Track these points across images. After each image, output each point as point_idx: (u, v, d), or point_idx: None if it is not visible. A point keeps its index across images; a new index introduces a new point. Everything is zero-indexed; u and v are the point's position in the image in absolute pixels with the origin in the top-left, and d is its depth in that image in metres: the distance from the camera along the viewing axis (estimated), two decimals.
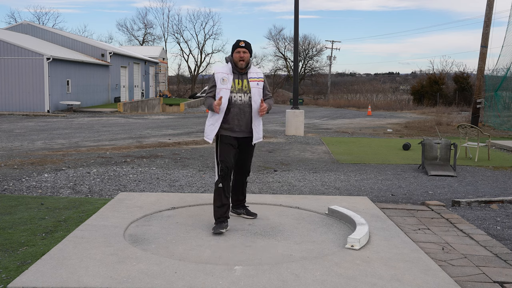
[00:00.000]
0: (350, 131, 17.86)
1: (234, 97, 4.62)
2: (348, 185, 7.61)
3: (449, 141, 9.12)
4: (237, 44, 4.65)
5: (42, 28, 34.86)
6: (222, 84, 4.62)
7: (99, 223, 4.74)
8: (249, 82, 4.68)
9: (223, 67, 4.74)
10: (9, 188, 6.91)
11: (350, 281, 3.48)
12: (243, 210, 5.15)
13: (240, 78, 4.68)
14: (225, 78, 4.63)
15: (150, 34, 77.14)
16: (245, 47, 4.63)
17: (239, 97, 4.63)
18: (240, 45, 4.62)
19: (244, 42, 4.66)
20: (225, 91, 4.60)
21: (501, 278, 3.79)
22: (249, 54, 4.67)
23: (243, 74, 4.70)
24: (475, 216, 5.79)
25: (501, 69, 19.88)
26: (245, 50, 4.63)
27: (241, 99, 4.64)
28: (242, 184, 5.02)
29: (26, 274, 3.45)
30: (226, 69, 4.69)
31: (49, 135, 14.85)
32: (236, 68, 4.67)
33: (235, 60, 4.65)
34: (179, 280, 3.42)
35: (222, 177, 4.58)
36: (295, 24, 15.82)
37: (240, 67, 4.64)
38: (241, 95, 4.64)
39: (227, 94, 4.59)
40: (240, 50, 4.61)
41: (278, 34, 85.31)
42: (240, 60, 4.61)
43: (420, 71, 62.99)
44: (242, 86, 4.65)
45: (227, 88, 4.61)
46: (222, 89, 4.61)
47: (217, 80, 4.65)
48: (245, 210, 5.15)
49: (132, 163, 9.28)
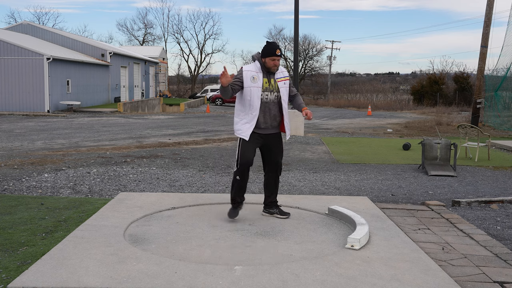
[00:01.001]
0: (350, 131, 17.86)
1: (263, 95, 4.79)
2: (348, 185, 7.61)
3: (449, 141, 9.12)
4: (273, 52, 4.75)
5: (42, 28, 34.86)
6: (253, 82, 4.75)
7: (99, 223, 4.74)
8: (276, 81, 4.86)
9: (251, 65, 4.86)
10: (9, 188, 6.91)
11: (350, 281, 3.48)
12: (276, 209, 5.20)
13: (267, 77, 4.84)
14: (255, 76, 4.78)
15: (150, 34, 77.20)
16: (280, 55, 4.81)
17: (265, 95, 4.80)
18: (277, 54, 4.75)
19: (280, 50, 4.80)
20: (257, 89, 4.75)
21: (501, 278, 3.79)
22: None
23: (270, 74, 4.86)
24: (475, 216, 5.79)
25: (501, 69, 19.88)
26: (279, 58, 4.81)
27: (267, 97, 4.81)
28: (274, 182, 5.11)
29: (26, 274, 3.45)
30: (255, 68, 4.82)
31: (49, 135, 14.85)
32: (264, 68, 4.82)
33: (268, 65, 4.79)
34: (179, 280, 3.42)
35: (240, 170, 4.81)
36: (295, 24, 15.82)
37: (273, 71, 4.83)
38: (267, 93, 4.81)
39: (259, 91, 4.74)
40: (276, 58, 4.77)
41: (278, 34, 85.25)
42: (274, 67, 4.80)
43: (420, 71, 63.03)
44: (269, 85, 4.82)
45: (259, 86, 4.75)
46: (254, 87, 4.75)
47: (246, 77, 4.77)
48: (278, 209, 5.20)
49: (132, 163, 9.28)
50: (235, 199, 4.98)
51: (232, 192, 4.97)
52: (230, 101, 43.12)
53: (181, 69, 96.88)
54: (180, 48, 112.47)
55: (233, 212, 4.99)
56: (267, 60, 4.78)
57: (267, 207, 5.22)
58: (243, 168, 4.81)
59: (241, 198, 4.99)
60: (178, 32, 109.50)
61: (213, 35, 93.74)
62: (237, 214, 5.01)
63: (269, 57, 4.77)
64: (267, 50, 4.78)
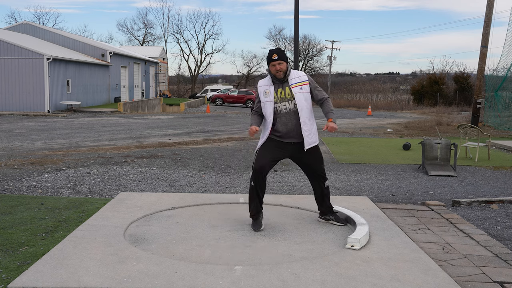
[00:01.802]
0: (350, 131, 17.85)
1: (279, 107, 4.63)
2: (348, 185, 7.61)
3: (449, 141, 9.12)
4: (270, 57, 4.60)
5: (42, 28, 34.87)
6: (265, 97, 4.66)
7: (99, 223, 4.74)
8: (291, 89, 4.62)
9: (264, 80, 4.76)
10: (9, 188, 6.91)
11: (350, 281, 3.48)
12: (332, 216, 4.99)
13: (281, 87, 4.65)
14: (267, 90, 4.66)
15: (150, 34, 77.26)
16: (279, 59, 4.57)
17: (283, 106, 4.63)
18: (273, 58, 4.56)
19: (276, 53, 4.58)
20: (269, 104, 4.64)
21: (501, 278, 3.79)
22: (285, 63, 4.60)
23: (284, 82, 4.65)
24: (475, 216, 5.79)
25: (501, 69, 19.88)
26: (280, 61, 4.57)
27: (285, 107, 4.62)
28: (321, 191, 4.85)
29: (26, 274, 3.45)
30: (267, 82, 4.71)
31: (49, 135, 14.85)
32: (275, 79, 4.66)
33: (272, 72, 4.63)
34: (179, 280, 3.42)
35: (254, 175, 4.63)
36: (295, 24, 15.81)
37: (279, 78, 4.63)
38: (285, 104, 4.61)
39: (271, 106, 4.63)
40: (275, 63, 4.57)
41: (278, 34, 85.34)
42: (277, 72, 4.59)
43: (420, 71, 63.07)
44: (285, 94, 4.62)
45: (271, 100, 4.63)
46: (266, 102, 4.66)
47: (260, 94, 4.71)
48: (334, 216, 4.99)
49: (132, 163, 9.28)
50: (253, 211, 4.73)
51: (251, 204, 4.72)
52: (230, 101, 43.14)
53: (181, 69, 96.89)
54: (180, 48, 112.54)
55: (255, 224, 4.71)
56: (270, 68, 4.64)
57: (322, 214, 5.02)
58: (256, 175, 4.59)
59: (259, 209, 4.74)
60: (178, 32, 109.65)
61: (213, 35, 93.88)
62: (261, 224, 4.71)
63: (270, 64, 4.63)
64: (267, 58, 4.65)
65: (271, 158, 4.66)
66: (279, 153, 4.70)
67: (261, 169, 4.60)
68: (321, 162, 4.84)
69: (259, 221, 4.73)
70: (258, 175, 4.60)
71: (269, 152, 4.66)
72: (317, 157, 4.81)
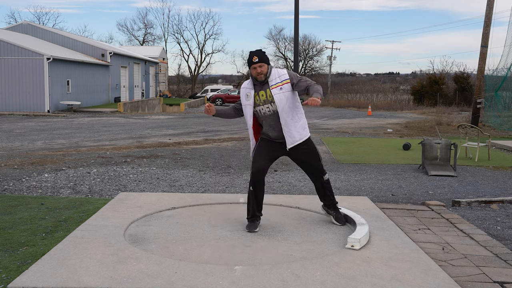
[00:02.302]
0: (350, 131, 17.85)
1: (262, 109, 4.57)
2: (348, 185, 7.61)
3: (449, 141, 9.12)
4: (250, 60, 4.49)
5: (42, 28, 34.87)
6: (246, 100, 4.62)
7: (99, 223, 4.74)
8: (271, 90, 4.52)
9: (247, 82, 4.69)
10: (9, 188, 6.91)
11: (350, 281, 3.48)
12: (333, 212, 4.95)
13: (263, 89, 4.56)
14: (249, 93, 4.61)
15: (150, 34, 77.22)
16: (259, 61, 4.48)
17: (267, 109, 4.56)
18: (254, 61, 4.47)
19: (257, 56, 4.48)
20: (249, 107, 4.61)
21: (501, 278, 3.79)
22: (266, 65, 4.52)
23: (264, 84, 4.56)
24: (475, 216, 5.79)
25: (501, 69, 19.88)
26: (261, 64, 4.48)
27: (268, 109, 4.54)
28: (320, 184, 4.82)
29: (26, 274, 3.45)
30: (249, 84, 4.65)
31: (49, 135, 14.85)
32: (256, 81, 4.59)
33: (253, 75, 4.55)
34: (179, 280, 3.42)
35: (252, 179, 4.59)
36: (295, 24, 15.82)
37: (260, 80, 4.55)
38: (268, 106, 4.53)
39: (251, 109, 4.61)
40: (256, 66, 4.48)
41: (278, 34, 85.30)
42: (258, 75, 4.50)
43: (420, 71, 63.03)
44: (267, 96, 4.53)
45: (250, 104, 4.60)
46: (247, 105, 4.62)
47: (242, 96, 4.69)
48: (335, 213, 4.94)
49: (132, 163, 9.28)
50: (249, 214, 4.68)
51: (249, 207, 4.67)
52: (231, 101, 43.13)
53: (181, 69, 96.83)
54: (180, 48, 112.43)
55: (250, 225, 4.66)
56: (252, 71, 4.53)
57: (326, 206, 4.98)
58: (255, 178, 4.55)
59: (255, 213, 4.67)
60: (178, 32, 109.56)
61: (213, 35, 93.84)
62: (256, 226, 4.67)
63: (250, 66, 4.52)
64: (248, 61, 4.52)
65: (268, 158, 4.64)
66: (274, 151, 4.68)
67: (259, 172, 4.56)
68: (317, 158, 4.75)
69: (255, 224, 4.69)
70: (257, 178, 4.57)
71: (264, 152, 4.64)
72: (311, 153, 4.71)
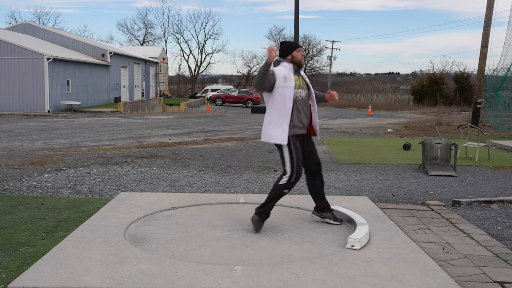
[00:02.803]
0: (350, 131, 17.85)
1: (296, 93, 4.61)
2: (348, 185, 7.61)
3: (450, 141, 9.12)
4: (296, 44, 4.72)
5: (42, 28, 34.87)
6: (285, 82, 4.56)
7: (99, 223, 4.74)
8: (304, 78, 4.76)
9: (280, 67, 4.66)
10: (10, 188, 6.91)
11: (350, 281, 3.48)
12: (329, 213, 4.98)
13: (298, 75, 4.71)
14: (287, 76, 4.58)
15: (151, 34, 77.29)
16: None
17: (299, 94, 4.66)
18: (300, 45, 4.81)
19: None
20: (290, 89, 4.54)
21: (501, 278, 3.79)
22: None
23: (298, 72, 4.73)
24: (476, 216, 5.78)
25: (501, 69, 19.87)
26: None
27: (300, 95, 4.67)
28: (321, 181, 4.95)
29: (26, 274, 3.45)
30: (285, 68, 4.64)
31: (49, 135, 14.86)
32: (296, 66, 4.71)
33: (298, 58, 4.66)
34: (179, 280, 3.42)
35: (292, 184, 4.63)
36: (295, 24, 15.81)
37: (301, 65, 4.72)
38: (300, 91, 4.66)
39: (291, 91, 4.55)
40: (301, 49, 4.73)
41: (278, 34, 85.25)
42: (303, 58, 4.72)
43: (421, 71, 63.04)
44: (301, 83, 4.71)
45: (291, 85, 4.56)
46: (286, 87, 4.54)
47: (279, 78, 4.55)
48: (331, 214, 4.99)
49: (133, 163, 9.28)
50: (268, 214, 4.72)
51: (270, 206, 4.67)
52: (231, 101, 43.14)
53: (181, 69, 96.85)
54: (180, 48, 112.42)
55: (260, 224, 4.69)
56: (295, 54, 4.64)
57: (319, 210, 5.00)
58: (296, 181, 4.62)
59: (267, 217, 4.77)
60: (178, 32, 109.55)
61: (213, 35, 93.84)
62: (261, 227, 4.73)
63: (295, 49, 4.66)
64: (289, 45, 4.69)
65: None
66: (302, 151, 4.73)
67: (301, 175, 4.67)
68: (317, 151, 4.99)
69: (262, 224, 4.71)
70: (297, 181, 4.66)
71: (300, 154, 4.65)
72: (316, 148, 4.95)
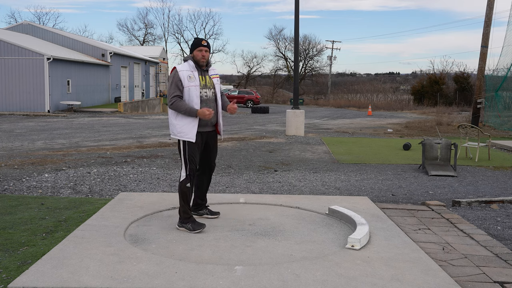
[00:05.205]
0: (350, 131, 17.85)
1: (201, 93, 4.70)
2: (348, 185, 7.61)
3: (450, 141, 9.12)
4: (199, 42, 4.71)
5: (43, 28, 34.87)
6: (190, 81, 4.65)
7: (99, 223, 4.74)
8: (211, 78, 4.82)
9: (184, 65, 4.75)
10: (10, 188, 6.91)
11: (350, 281, 3.48)
12: (205, 210, 5.13)
13: (202, 74, 4.76)
14: (191, 75, 4.67)
15: (151, 34, 77.33)
16: (207, 46, 4.74)
17: (204, 93, 4.73)
18: (203, 44, 4.71)
19: (206, 41, 4.76)
20: (195, 88, 4.64)
21: (501, 278, 3.79)
22: (209, 53, 4.81)
23: (204, 71, 4.78)
24: (476, 216, 5.79)
25: (501, 69, 19.87)
26: (207, 49, 4.73)
27: (206, 94, 4.75)
28: (209, 182, 5.07)
29: (27, 274, 3.45)
30: (189, 67, 4.72)
31: (49, 135, 14.86)
32: (198, 66, 4.74)
33: (197, 58, 4.70)
34: (179, 280, 3.42)
35: (191, 176, 4.63)
36: (296, 24, 15.81)
37: (202, 65, 4.72)
38: (206, 91, 4.75)
39: (197, 90, 4.64)
40: (202, 49, 4.70)
41: (278, 34, 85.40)
42: (202, 59, 4.69)
43: (421, 71, 63.03)
44: (206, 82, 4.76)
45: (196, 85, 4.66)
46: (191, 86, 4.64)
47: (184, 78, 4.63)
48: (207, 210, 5.14)
49: (133, 163, 9.28)
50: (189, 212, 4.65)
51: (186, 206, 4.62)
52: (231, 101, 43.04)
53: None
54: (181, 48, 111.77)
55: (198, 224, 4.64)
56: (195, 53, 4.69)
57: (196, 209, 5.06)
58: (193, 173, 4.62)
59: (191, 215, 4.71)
60: (179, 32, 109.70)
61: (213, 35, 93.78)
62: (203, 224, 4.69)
63: (197, 48, 4.69)
64: (194, 43, 4.74)
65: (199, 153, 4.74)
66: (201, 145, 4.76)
67: (197, 168, 4.70)
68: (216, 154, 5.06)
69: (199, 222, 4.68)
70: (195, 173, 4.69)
71: (196, 147, 4.66)
72: (217, 148, 5.04)
